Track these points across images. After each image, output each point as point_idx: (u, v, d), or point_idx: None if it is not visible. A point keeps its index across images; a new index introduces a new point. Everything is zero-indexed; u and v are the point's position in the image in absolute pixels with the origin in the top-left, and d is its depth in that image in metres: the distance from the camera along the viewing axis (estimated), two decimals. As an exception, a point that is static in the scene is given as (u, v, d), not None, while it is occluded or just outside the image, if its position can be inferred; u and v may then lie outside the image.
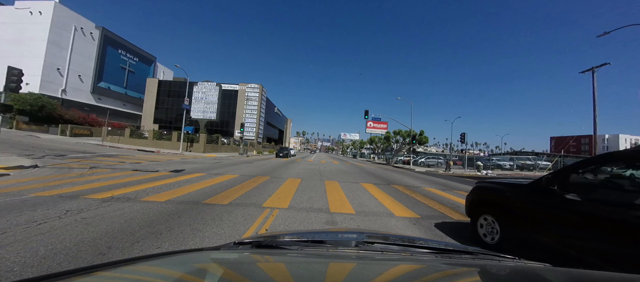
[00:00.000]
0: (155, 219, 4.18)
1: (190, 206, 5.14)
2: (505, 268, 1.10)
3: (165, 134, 33.31)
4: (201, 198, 5.88)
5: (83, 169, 10.03)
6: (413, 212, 5.96)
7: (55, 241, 3.11)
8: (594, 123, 28.31)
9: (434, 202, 7.47)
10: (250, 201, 5.99)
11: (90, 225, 3.74)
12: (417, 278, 0.96)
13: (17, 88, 12.10)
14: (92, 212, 4.38)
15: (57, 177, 7.90)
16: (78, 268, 0.83)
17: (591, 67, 28.80)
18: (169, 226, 3.85)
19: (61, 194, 5.62)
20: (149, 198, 5.56)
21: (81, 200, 5.14)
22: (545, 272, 1.09)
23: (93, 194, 5.65)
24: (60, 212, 4.30)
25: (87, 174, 8.86)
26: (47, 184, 6.61)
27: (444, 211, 6.41)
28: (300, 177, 11.44)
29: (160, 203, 5.19)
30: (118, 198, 5.43)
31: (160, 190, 6.58)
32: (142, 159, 16.40)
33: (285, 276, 0.91)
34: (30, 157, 12.31)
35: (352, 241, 1.40)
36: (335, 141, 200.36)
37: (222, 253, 1.15)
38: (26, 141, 23.56)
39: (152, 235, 3.50)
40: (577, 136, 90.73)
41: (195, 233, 3.69)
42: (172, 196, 5.96)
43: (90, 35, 52.17)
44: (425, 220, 5.35)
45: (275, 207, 5.47)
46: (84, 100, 51.26)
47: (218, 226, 4.04)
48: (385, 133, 42.86)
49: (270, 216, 4.84)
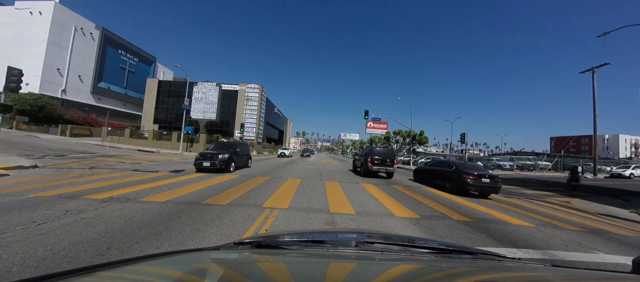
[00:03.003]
0: (154, 219, 4.17)
1: (189, 206, 5.13)
2: (505, 268, 1.10)
3: (165, 135, 33.28)
4: (201, 198, 5.87)
5: (83, 169, 10.02)
6: (413, 212, 5.96)
7: (54, 242, 3.10)
8: (594, 123, 28.36)
9: (434, 203, 7.46)
10: (250, 201, 5.98)
11: (89, 225, 3.73)
12: (417, 278, 0.96)
13: (17, 88, 12.09)
14: (92, 212, 4.37)
15: (57, 177, 7.89)
16: (78, 268, 0.83)
17: (591, 67, 28.93)
18: (168, 226, 3.84)
19: (61, 194, 5.61)
20: (148, 198, 5.55)
21: (81, 200, 5.13)
22: (545, 272, 1.09)
23: (93, 195, 5.64)
24: (59, 212, 4.29)
25: (86, 174, 8.85)
26: (47, 184, 6.60)
27: (444, 211, 6.40)
28: (300, 177, 11.43)
29: (160, 203, 5.18)
30: (118, 198, 5.42)
31: (160, 190, 6.57)
32: (141, 159, 16.38)
33: (285, 276, 0.91)
34: (30, 157, 12.29)
35: (352, 241, 1.40)
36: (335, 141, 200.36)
37: (222, 253, 1.15)
38: (26, 141, 23.53)
39: (152, 235, 3.49)
40: (577, 136, 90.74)
41: (195, 234, 3.68)
42: (172, 196, 5.95)
43: (90, 36, 52.13)
44: (425, 220, 5.34)
45: (275, 208, 5.46)
46: (84, 100, 51.21)
47: (218, 227, 4.03)
48: (385, 133, 42.88)
49: (270, 217, 4.83)
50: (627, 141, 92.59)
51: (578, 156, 49.16)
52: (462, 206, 7.36)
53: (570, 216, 7.68)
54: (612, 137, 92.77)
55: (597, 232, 5.88)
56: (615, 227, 6.60)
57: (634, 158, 66.19)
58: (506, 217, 6.27)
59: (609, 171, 32.79)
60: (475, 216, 6.10)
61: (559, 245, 4.52)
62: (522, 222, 5.97)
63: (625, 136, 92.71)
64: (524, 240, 4.59)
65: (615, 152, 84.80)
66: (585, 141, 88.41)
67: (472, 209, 7.03)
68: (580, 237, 5.20)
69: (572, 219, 7.05)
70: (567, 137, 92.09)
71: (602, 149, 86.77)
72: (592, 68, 29.18)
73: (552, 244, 4.51)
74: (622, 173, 28.76)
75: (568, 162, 33.76)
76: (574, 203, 10.29)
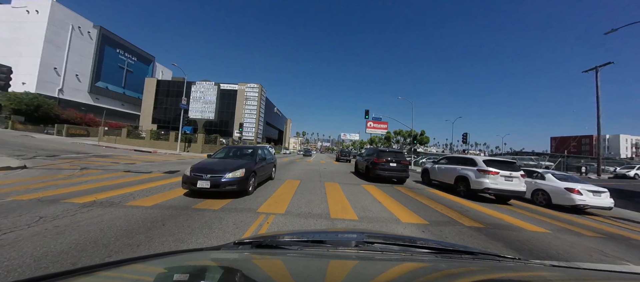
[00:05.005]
0: (136, 227, 3.76)
1: (178, 211, 4.71)
2: (505, 268, 1.09)
3: (162, 134, 32.81)
4: (192, 202, 5.45)
5: (73, 170, 9.61)
6: (420, 217, 5.54)
7: (14, 255, 2.69)
8: (598, 123, 27.82)
9: (441, 206, 7.06)
10: (244, 205, 5.57)
11: (60, 235, 3.32)
12: (417, 278, 0.95)
13: (6, 86, 11.70)
14: (68, 219, 3.96)
15: (44, 179, 7.48)
16: (78, 268, 0.81)
17: (595, 66, 28.54)
18: (149, 236, 3.43)
19: (41, 198, 5.20)
20: (134, 202, 5.14)
21: (60, 205, 4.73)
22: (545, 272, 1.09)
23: (75, 198, 5.23)
24: (32, 219, 3.88)
25: (76, 175, 8.44)
26: (30, 187, 6.20)
27: (452, 215, 5.99)
28: (299, 178, 11.02)
29: (146, 208, 4.76)
30: (101, 203, 5.00)
31: (149, 193, 6.16)
32: (137, 159, 15.96)
33: (285, 275, 0.90)
34: (21, 157, 11.88)
35: (352, 241, 1.38)
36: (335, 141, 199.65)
37: (222, 253, 1.14)
38: (20, 141, 23.08)
39: (129, 247, 3.08)
40: (577, 137, 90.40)
41: (178, 245, 3.27)
42: (161, 199, 5.54)
43: (87, 35, 51.62)
44: (434, 227, 4.93)
45: (270, 213, 5.04)
46: (82, 100, 50.71)
47: (206, 235, 3.62)
48: (385, 133, 42.46)
49: (265, 223, 4.42)
50: (628, 141, 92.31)
51: (579, 156, 48.90)
52: (471, 209, 6.95)
53: (583, 219, 7.28)
54: (613, 137, 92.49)
55: (617, 238, 5.49)
56: (634, 233, 6.20)
57: (635, 158, 65.84)
58: (519, 222, 5.87)
59: (612, 171, 32.35)
60: (487, 221, 5.69)
61: (581, 255, 4.12)
62: (536, 227, 5.56)
63: (626, 136, 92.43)
64: (543, 249, 4.18)
65: (616, 153, 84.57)
66: (586, 141, 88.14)
67: (482, 213, 6.62)
68: (601, 245, 4.80)
69: (586, 223, 6.66)
70: (569, 138, 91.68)
71: (603, 149, 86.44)
72: (595, 67, 28.66)
73: (574, 255, 4.11)
74: (627, 173, 28.32)
75: (571, 163, 33.41)
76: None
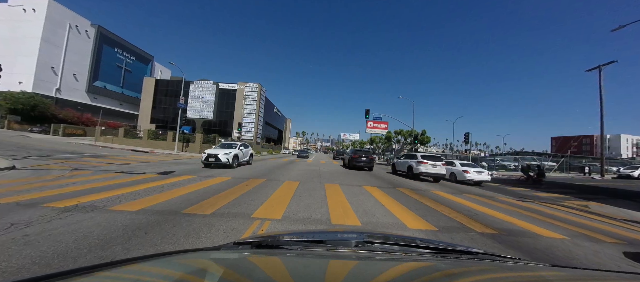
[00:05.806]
0: (115, 236, 3.38)
1: (165, 217, 4.33)
2: (505, 268, 1.07)
3: (160, 134, 32.42)
4: (182, 206, 5.07)
5: (64, 170, 9.24)
6: (427, 222, 5.17)
7: (-36, 273, 2.32)
8: (601, 122, 27.54)
9: (448, 209, 6.68)
10: (239, 209, 5.19)
11: (28, 246, 2.95)
12: (417, 278, 0.93)
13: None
14: (41, 226, 3.58)
15: (30, 180, 7.11)
16: (78, 268, 0.79)
17: (598, 65, 28.17)
18: (127, 247, 3.05)
19: (20, 201, 4.83)
20: (119, 207, 4.76)
21: (38, 209, 4.35)
22: (545, 272, 1.07)
23: (56, 202, 4.85)
24: (2, 226, 3.51)
25: (65, 176, 8.07)
26: (13, 189, 5.83)
27: (461, 220, 5.62)
28: (298, 179, 10.65)
29: (130, 213, 4.38)
30: (83, 207, 4.62)
31: (138, 196, 5.78)
32: (132, 159, 15.59)
33: (285, 275, 0.89)
34: (12, 157, 11.51)
35: (352, 240, 1.37)
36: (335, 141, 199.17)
37: (222, 253, 1.12)
38: (15, 140, 22.71)
39: (100, 261, 2.70)
40: (577, 136, 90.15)
41: (160, 257, 2.89)
42: (149, 203, 5.16)
43: (85, 34, 51.20)
44: (444, 233, 4.55)
45: (266, 219, 4.65)
46: (79, 99, 50.30)
47: (191, 246, 3.24)
48: (386, 133, 42.10)
49: (260, 231, 4.04)
50: (629, 141, 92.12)
51: (580, 156, 48.59)
52: (480, 213, 6.58)
53: (597, 222, 6.92)
54: (614, 137, 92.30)
55: (638, 244, 5.12)
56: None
57: (636, 158, 65.54)
58: (533, 227, 5.49)
59: (615, 171, 32.03)
60: (499, 227, 5.31)
61: (608, 265, 3.75)
62: (552, 233, 5.20)
63: (627, 136, 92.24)
64: (565, 259, 3.82)
65: (616, 152, 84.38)
66: (587, 141, 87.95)
67: (492, 217, 6.25)
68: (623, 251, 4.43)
69: (602, 228, 6.29)
70: (570, 137, 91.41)
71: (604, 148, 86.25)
72: (598, 66, 28.36)
73: (600, 265, 3.74)
74: (631, 174, 28.02)
75: (573, 163, 33.09)
76: (593, 207, 9.65)
